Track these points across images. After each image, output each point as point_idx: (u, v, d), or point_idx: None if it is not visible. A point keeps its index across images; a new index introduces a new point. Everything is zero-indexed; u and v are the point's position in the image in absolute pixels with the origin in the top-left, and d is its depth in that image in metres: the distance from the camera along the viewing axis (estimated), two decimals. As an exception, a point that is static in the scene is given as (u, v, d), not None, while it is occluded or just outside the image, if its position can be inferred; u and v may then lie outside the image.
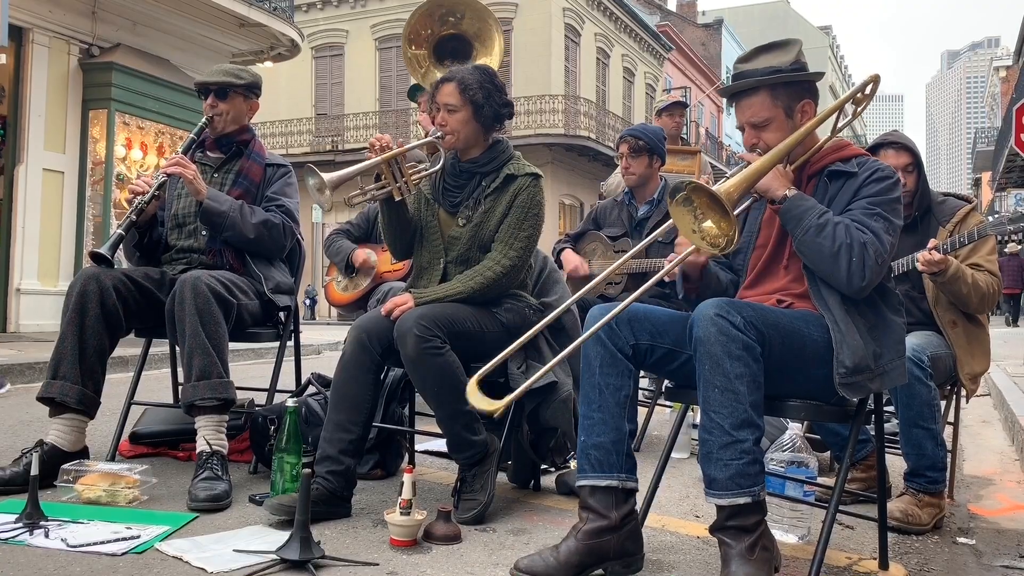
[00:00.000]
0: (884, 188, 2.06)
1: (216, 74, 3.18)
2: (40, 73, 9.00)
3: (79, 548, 2.09)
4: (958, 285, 2.79)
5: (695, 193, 1.89)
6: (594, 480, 2.05)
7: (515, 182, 2.70)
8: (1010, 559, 2.41)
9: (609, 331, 2.08)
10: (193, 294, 2.71)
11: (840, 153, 2.17)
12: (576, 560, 1.99)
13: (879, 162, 2.13)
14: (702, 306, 1.93)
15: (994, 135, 31.52)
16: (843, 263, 1.95)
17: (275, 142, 21.40)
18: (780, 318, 1.99)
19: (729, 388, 1.86)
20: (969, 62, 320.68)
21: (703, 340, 1.89)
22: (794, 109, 2.13)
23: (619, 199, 4.02)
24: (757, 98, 2.13)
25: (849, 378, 1.94)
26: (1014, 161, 22.60)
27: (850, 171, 2.12)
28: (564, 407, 2.71)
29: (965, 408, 3.71)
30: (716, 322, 1.88)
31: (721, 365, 1.87)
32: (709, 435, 1.90)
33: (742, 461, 1.86)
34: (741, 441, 1.86)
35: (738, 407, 1.86)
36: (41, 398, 2.75)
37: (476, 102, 2.65)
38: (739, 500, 1.87)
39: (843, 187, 2.11)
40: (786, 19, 52.86)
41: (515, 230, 2.67)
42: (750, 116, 2.14)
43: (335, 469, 2.47)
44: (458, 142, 2.70)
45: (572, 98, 20.67)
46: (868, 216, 2.02)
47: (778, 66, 2.11)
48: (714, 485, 1.90)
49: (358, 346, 2.53)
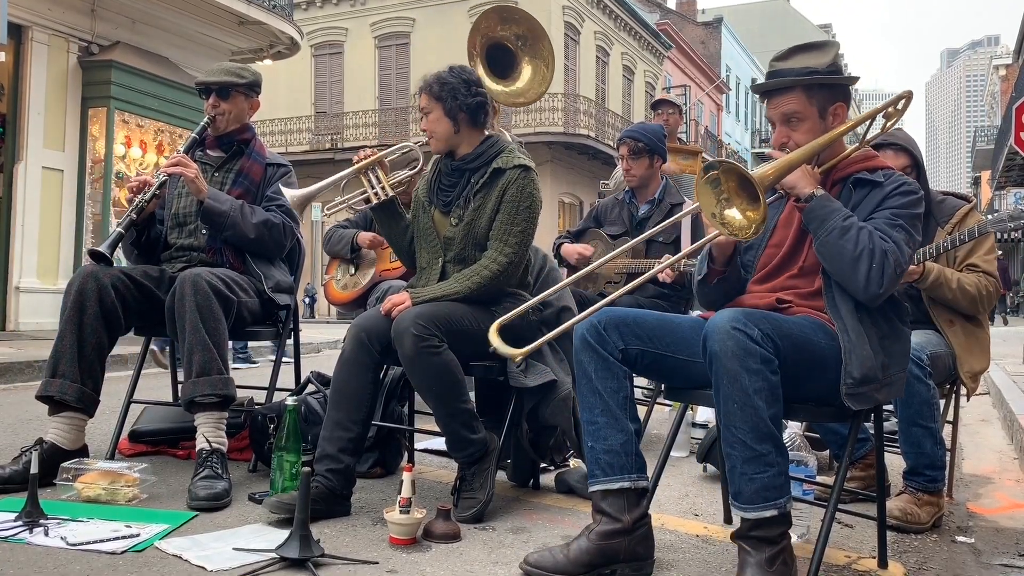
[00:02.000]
0: (909, 202, 2.04)
1: (217, 73, 3.17)
2: (39, 71, 8.99)
3: (79, 546, 2.09)
4: (941, 291, 2.81)
5: (726, 175, 1.86)
6: (606, 484, 2.05)
7: (503, 176, 2.68)
8: (1009, 558, 2.42)
9: (598, 337, 2.08)
10: (194, 291, 2.71)
11: (867, 163, 2.16)
12: (586, 560, 2.00)
13: (906, 177, 2.12)
14: (716, 319, 1.91)
15: (994, 133, 31.52)
16: (863, 268, 1.93)
17: (274, 140, 21.39)
18: (791, 328, 1.97)
19: (748, 403, 1.84)
20: (969, 60, 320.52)
21: (719, 354, 1.86)
22: (827, 111, 2.12)
23: (620, 197, 4.02)
24: (792, 95, 2.11)
25: (855, 389, 1.93)
26: (1014, 160, 22.58)
27: (876, 181, 2.10)
28: (564, 405, 2.71)
29: (964, 407, 3.72)
30: (733, 336, 1.85)
31: (739, 380, 1.84)
32: (732, 449, 1.89)
33: (767, 474, 1.86)
34: (764, 454, 1.86)
35: (758, 421, 1.85)
36: (40, 396, 2.74)
37: (440, 97, 2.68)
38: (766, 513, 1.87)
39: (868, 196, 2.09)
40: (785, 17, 52.80)
41: (508, 226, 2.66)
42: (785, 108, 2.12)
43: (334, 468, 2.47)
44: (439, 143, 2.73)
45: (572, 96, 20.66)
46: (891, 226, 2.00)
47: (814, 67, 2.10)
48: (740, 498, 1.89)
49: (357, 345, 2.53)
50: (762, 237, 2.24)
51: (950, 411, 3.14)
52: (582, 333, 2.11)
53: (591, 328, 2.10)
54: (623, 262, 3.77)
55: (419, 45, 21.19)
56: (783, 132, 2.13)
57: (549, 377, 2.70)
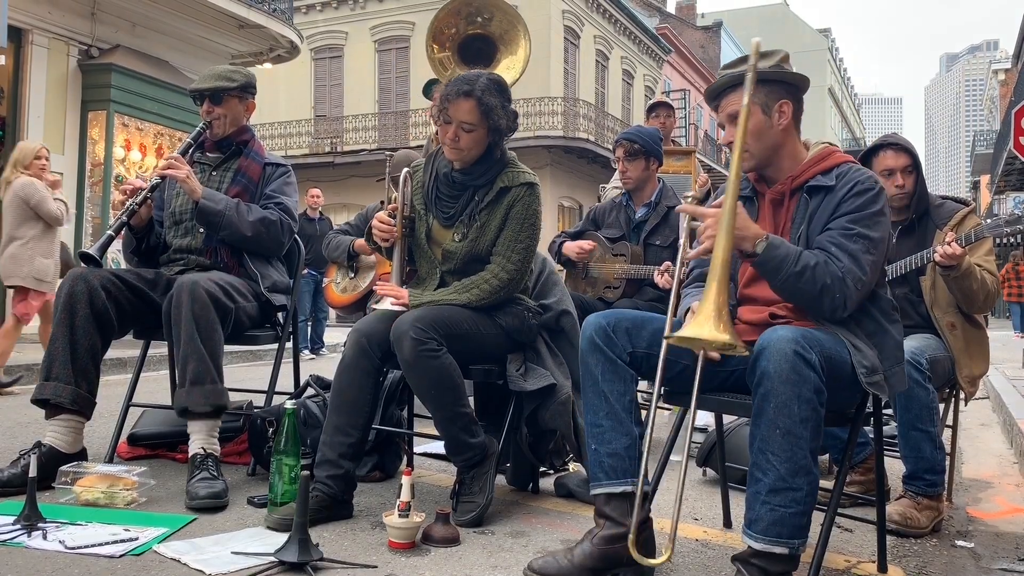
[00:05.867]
0: (864, 202, 2.00)
1: (208, 79, 3.15)
2: (39, 74, 9.00)
3: (77, 550, 2.09)
4: (969, 280, 2.78)
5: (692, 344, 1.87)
6: (609, 488, 2.05)
7: (509, 193, 2.65)
8: (1008, 562, 2.41)
9: (607, 339, 2.07)
10: (191, 299, 2.70)
11: (822, 164, 2.11)
12: (590, 564, 1.99)
13: (861, 171, 2.07)
14: (777, 337, 1.83)
15: (993, 138, 31.56)
16: (826, 302, 1.94)
17: (274, 144, 21.37)
18: (831, 347, 1.90)
19: (792, 432, 1.78)
20: (968, 65, 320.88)
21: (772, 376, 1.79)
22: (772, 108, 2.09)
23: (617, 201, 4.02)
24: (735, 95, 2.10)
25: (871, 376, 1.94)
26: (1013, 164, 22.62)
27: (828, 185, 2.07)
28: (563, 409, 2.70)
29: (964, 411, 3.72)
30: (791, 359, 1.78)
31: (789, 406, 1.78)
32: (762, 474, 1.82)
33: (790, 511, 1.79)
34: (795, 489, 1.79)
35: (798, 452, 1.78)
36: (35, 400, 2.74)
37: (494, 127, 2.58)
38: (775, 549, 1.80)
39: (823, 203, 2.06)
40: (785, 21, 52.93)
41: (513, 242, 2.65)
42: (729, 109, 2.12)
43: (335, 473, 2.47)
44: (465, 159, 2.64)
45: (571, 100, 20.67)
46: (847, 237, 1.97)
47: (758, 67, 2.07)
48: (753, 526, 1.83)
49: (358, 350, 2.52)
50: None
51: (949, 415, 3.14)
52: (590, 335, 2.09)
53: (600, 330, 2.08)
54: (622, 267, 3.77)
55: (419, 49, 21.15)
56: (731, 132, 2.12)
57: (548, 381, 2.69)
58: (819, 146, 2.16)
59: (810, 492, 1.81)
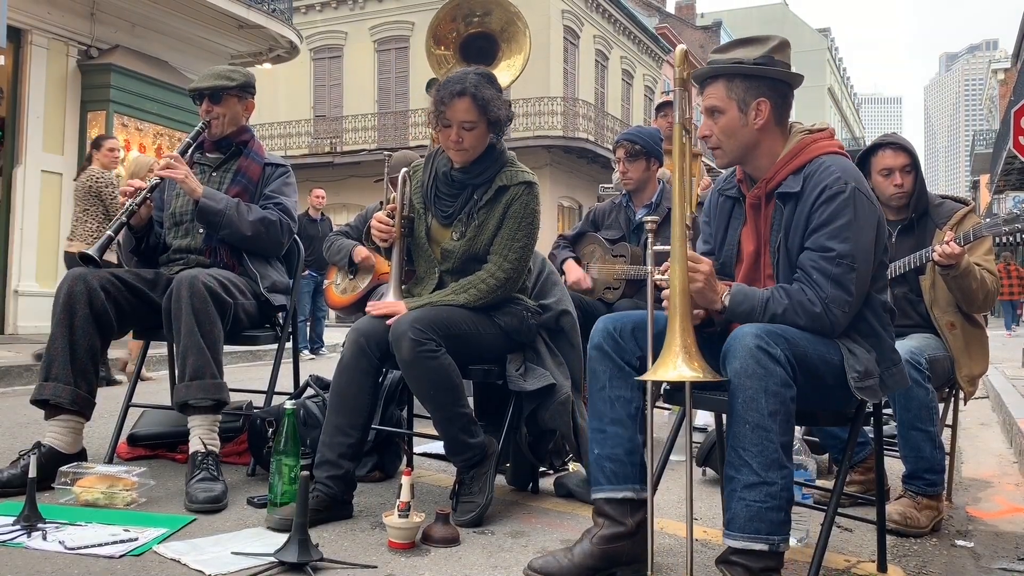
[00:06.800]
0: (835, 210, 1.93)
1: (207, 78, 3.15)
2: (39, 74, 9.00)
3: (77, 550, 2.09)
4: (969, 280, 2.78)
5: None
6: (610, 493, 2.05)
7: (507, 192, 2.65)
8: (1008, 562, 2.41)
9: (615, 344, 2.06)
10: (190, 293, 2.70)
11: (792, 163, 2.04)
12: (590, 563, 1.99)
13: (828, 170, 1.98)
14: (741, 334, 1.84)
15: (992, 138, 31.57)
16: (814, 330, 1.92)
17: (274, 144, 21.37)
18: (806, 345, 1.90)
19: (761, 425, 1.78)
20: (967, 65, 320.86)
21: (739, 371, 1.80)
22: (748, 105, 2.03)
23: (617, 201, 4.01)
24: (714, 87, 2.07)
25: (862, 382, 1.93)
26: (1012, 164, 22.63)
27: (795, 191, 2.01)
28: (563, 409, 2.70)
29: (963, 411, 3.72)
30: (756, 355, 1.79)
31: (756, 400, 1.78)
32: (736, 472, 1.82)
33: (765, 505, 1.78)
34: (769, 484, 1.78)
35: (768, 446, 1.78)
36: (35, 400, 2.74)
37: (493, 119, 2.59)
38: (754, 546, 1.79)
39: (795, 212, 2.01)
40: (784, 21, 52.94)
41: (510, 241, 2.64)
42: (706, 103, 2.09)
43: (335, 474, 2.47)
44: (468, 157, 2.64)
45: (571, 100, 20.67)
46: (827, 260, 1.92)
47: (742, 59, 2.04)
48: (731, 525, 1.82)
49: (357, 350, 2.52)
50: (731, 251, 2.19)
51: (949, 415, 3.14)
52: (598, 342, 2.07)
53: (608, 336, 2.07)
54: (622, 268, 3.77)
55: (418, 49, 21.16)
56: (707, 125, 2.09)
57: (548, 381, 2.69)
58: (797, 137, 2.09)
59: (785, 487, 1.80)
